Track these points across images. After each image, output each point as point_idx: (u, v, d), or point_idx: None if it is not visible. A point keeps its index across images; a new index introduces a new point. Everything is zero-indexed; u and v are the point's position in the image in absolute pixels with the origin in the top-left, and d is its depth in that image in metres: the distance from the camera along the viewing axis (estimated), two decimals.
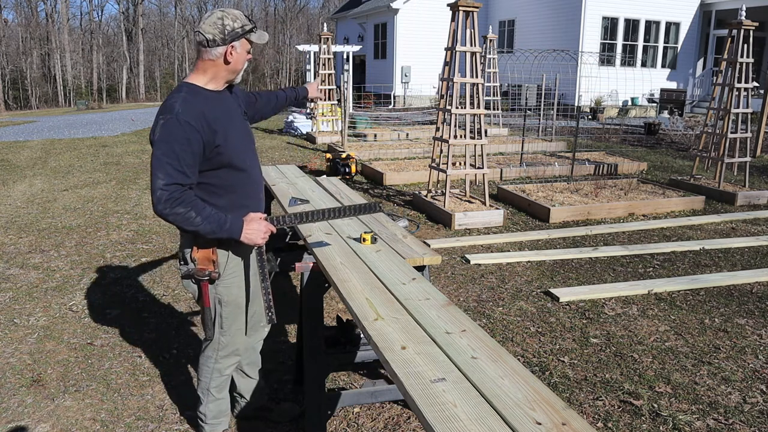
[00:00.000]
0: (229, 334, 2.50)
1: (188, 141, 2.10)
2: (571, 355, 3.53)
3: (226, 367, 2.57)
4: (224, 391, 2.63)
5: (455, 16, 6.42)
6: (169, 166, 2.07)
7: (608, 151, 11.32)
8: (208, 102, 2.22)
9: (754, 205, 7.49)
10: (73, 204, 7.15)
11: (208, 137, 2.17)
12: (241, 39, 2.23)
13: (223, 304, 2.43)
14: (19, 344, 3.62)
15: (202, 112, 2.16)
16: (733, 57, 7.64)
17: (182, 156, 2.09)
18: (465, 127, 6.71)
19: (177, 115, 2.10)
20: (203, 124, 2.15)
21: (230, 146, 2.26)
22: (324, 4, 53.34)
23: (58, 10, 44.46)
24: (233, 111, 2.35)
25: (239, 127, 2.36)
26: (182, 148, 2.09)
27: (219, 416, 2.65)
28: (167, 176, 2.07)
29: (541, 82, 12.95)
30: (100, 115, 21.45)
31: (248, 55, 2.30)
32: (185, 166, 2.10)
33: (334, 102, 13.49)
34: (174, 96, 2.18)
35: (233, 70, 2.28)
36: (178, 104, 2.13)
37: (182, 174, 2.10)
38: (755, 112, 11.75)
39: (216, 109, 2.24)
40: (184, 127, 2.09)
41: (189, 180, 2.13)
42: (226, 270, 2.38)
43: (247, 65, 2.34)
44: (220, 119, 2.24)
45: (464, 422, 1.47)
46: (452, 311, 2.11)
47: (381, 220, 3.35)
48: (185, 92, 2.19)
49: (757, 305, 4.30)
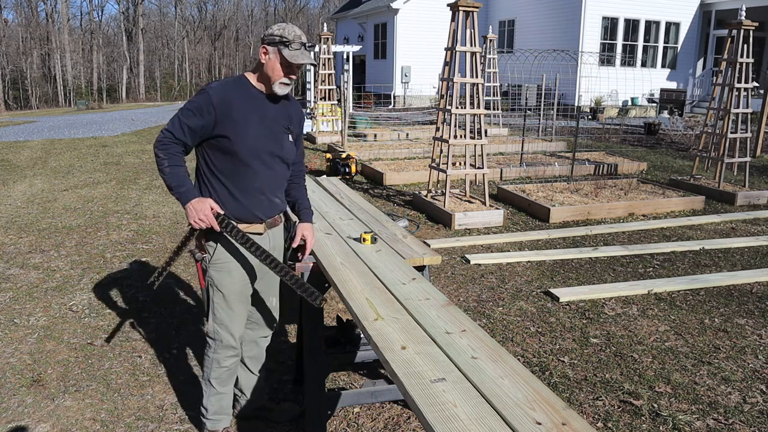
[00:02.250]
0: (221, 323, 2.52)
1: (201, 110, 2.31)
2: (571, 355, 3.53)
3: (224, 358, 2.57)
4: (226, 385, 2.63)
5: (455, 16, 6.42)
6: (177, 120, 2.34)
7: (608, 151, 11.32)
8: (245, 94, 2.38)
9: (754, 205, 7.49)
10: (73, 204, 7.15)
11: (222, 120, 2.32)
12: (276, 47, 2.33)
13: (213, 290, 2.50)
14: (19, 344, 3.62)
15: (230, 99, 2.34)
16: (733, 57, 7.64)
17: (190, 117, 2.32)
18: (465, 127, 6.71)
19: (209, 89, 2.35)
20: (225, 107, 2.32)
21: (242, 140, 2.36)
22: (324, 4, 53.38)
23: (58, 10, 44.46)
24: (270, 115, 2.44)
25: (266, 131, 2.42)
26: (194, 112, 2.32)
27: (220, 412, 2.65)
28: (171, 124, 2.34)
29: (541, 82, 12.96)
30: (100, 115, 21.46)
31: (283, 70, 2.35)
32: (185, 126, 2.32)
33: (334, 102, 13.48)
34: (225, 78, 2.43)
35: (266, 74, 2.38)
36: (217, 82, 2.40)
37: (181, 130, 2.33)
38: (755, 112, 11.75)
39: (249, 104, 2.38)
40: (206, 99, 2.31)
41: (183, 138, 2.33)
42: (214, 256, 2.45)
43: (288, 83, 2.39)
44: (246, 113, 2.37)
45: (464, 422, 1.47)
46: (452, 311, 2.11)
47: (381, 220, 3.35)
48: (232, 78, 2.43)
49: (757, 305, 4.30)
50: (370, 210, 3.61)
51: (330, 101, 13.45)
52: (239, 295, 2.52)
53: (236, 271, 2.48)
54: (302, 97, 27.19)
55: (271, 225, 2.54)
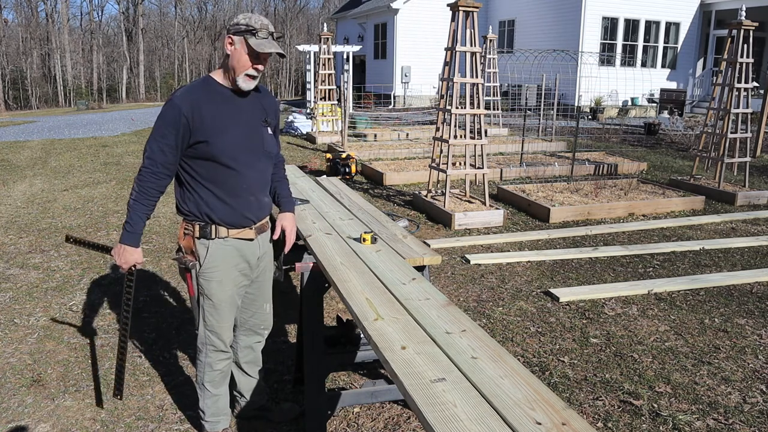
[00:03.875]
0: (211, 329, 2.51)
1: (173, 124, 2.26)
2: (571, 355, 3.53)
3: (216, 362, 2.57)
4: (220, 387, 2.63)
5: (455, 16, 6.42)
6: (153, 143, 2.30)
7: (608, 151, 11.32)
8: (212, 95, 2.32)
9: (754, 205, 7.49)
10: (74, 204, 7.15)
11: (196, 127, 2.27)
12: (241, 36, 2.26)
13: (203, 298, 2.48)
14: (19, 344, 3.62)
15: (198, 103, 2.28)
16: (733, 57, 7.64)
17: (165, 136, 2.28)
18: (465, 127, 6.71)
19: (173, 99, 2.28)
20: (195, 114, 2.27)
21: (221, 143, 2.30)
22: (324, 4, 53.38)
23: (58, 10, 44.47)
24: (245, 111, 2.39)
25: (244, 129, 2.37)
26: (168, 130, 2.27)
27: (218, 414, 2.65)
28: (150, 150, 2.31)
29: (541, 82, 12.96)
30: (100, 115, 21.45)
31: (249, 61, 2.29)
32: (165, 146, 2.28)
33: (334, 102, 13.48)
34: (190, 83, 2.40)
35: (232, 66, 2.30)
36: (181, 90, 2.32)
37: (161, 152, 2.29)
38: (755, 112, 11.75)
39: (219, 104, 2.32)
40: (174, 111, 2.26)
41: (165, 158, 2.30)
42: (205, 263, 2.42)
43: (254, 74, 2.33)
44: (218, 115, 2.30)
45: (464, 422, 1.47)
46: (452, 311, 2.11)
47: (381, 220, 3.35)
48: (197, 81, 2.37)
49: (757, 305, 4.30)
50: (370, 210, 3.61)
51: (330, 101, 13.45)
52: (228, 302, 2.50)
53: (225, 280, 2.45)
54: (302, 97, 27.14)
55: (260, 230, 2.51)
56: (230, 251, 2.42)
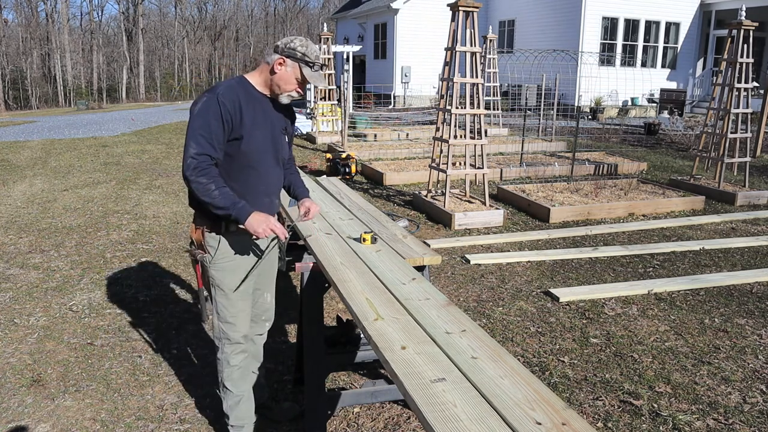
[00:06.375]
0: (226, 321, 2.53)
1: (221, 119, 2.29)
2: (571, 355, 3.53)
3: (233, 356, 2.57)
4: (240, 386, 2.61)
5: (455, 16, 6.42)
6: (201, 138, 2.27)
7: (608, 151, 11.32)
8: (249, 97, 2.39)
9: (754, 205, 7.49)
10: (73, 204, 7.15)
11: (236, 123, 2.33)
12: (296, 63, 2.36)
13: (216, 290, 2.50)
14: (19, 344, 3.62)
15: (239, 100, 2.34)
16: (733, 57, 7.64)
17: (214, 131, 2.29)
18: (465, 127, 6.71)
19: (218, 95, 2.30)
20: (236, 109, 2.32)
21: (253, 142, 2.39)
22: (324, 4, 53.37)
23: (58, 10, 44.45)
24: (272, 118, 2.47)
25: (268, 133, 2.46)
26: (216, 124, 2.29)
27: (241, 417, 2.63)
28: (198, 146, 2.27)
29: (541, 82, 12.96)
30: (100, 115, 21.45)
31: (296, 84, 2.40)
32: (215, 140, 2.29)
33: (334, 102, 13.48)
34: (225, 81, 2.41)
35: (276, 83, 2.39)
36: (222, 86, 2.36)
37: (211, 147, 2.29)
38: (755, 112, 11.74)
39: (254, 106, 2.40)
40: (220, 106, 2.29)
41: (216, 153, 2.31)
42: (217, 254, 2.45)
43: (295, 96, 2.45)
44: (253, 116, 2.39)
45: (464, 422, 1.47)
46: (452, 311, 2.11)
47: (381, 220, 3.36)
48: (235, 81, 2.41)
49: (757, 305, 4.30)
50: (370, 210, 3.61)
51: (330, 101, 13.45)
52: (242, 292, 2.53)
53: (238, 269, 2.49)
54: (302, 97, 27.03)
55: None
56: (242, 239, 2.47)
